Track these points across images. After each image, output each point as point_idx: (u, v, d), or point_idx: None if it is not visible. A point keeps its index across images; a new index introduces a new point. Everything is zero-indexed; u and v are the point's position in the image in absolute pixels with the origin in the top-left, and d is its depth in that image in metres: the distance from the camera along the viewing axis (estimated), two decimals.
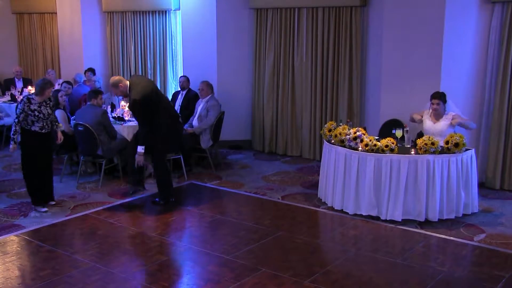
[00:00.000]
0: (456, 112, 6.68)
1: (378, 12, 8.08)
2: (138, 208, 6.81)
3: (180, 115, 8.87)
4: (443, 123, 6.60)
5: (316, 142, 9.06)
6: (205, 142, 8.32)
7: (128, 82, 6.65)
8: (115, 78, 6.76)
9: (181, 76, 9.75)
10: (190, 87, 9.49)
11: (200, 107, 8.56)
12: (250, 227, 6.14)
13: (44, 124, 6.48)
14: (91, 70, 10.73)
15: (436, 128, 6.61)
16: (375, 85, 8.26)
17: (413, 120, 6.94)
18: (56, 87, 10.26)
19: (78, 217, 6.43)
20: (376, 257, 5.33)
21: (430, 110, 6.73)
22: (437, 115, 6.67)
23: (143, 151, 6.62)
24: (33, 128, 6.41)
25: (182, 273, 5.01)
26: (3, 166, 8.69)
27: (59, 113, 7.81)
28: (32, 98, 6.42)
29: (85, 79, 10.67)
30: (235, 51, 9.59)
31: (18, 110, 6.45)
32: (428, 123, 6.71)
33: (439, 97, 6.61)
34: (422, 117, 6.83)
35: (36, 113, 6.38)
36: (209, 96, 8.53)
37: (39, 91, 6.42)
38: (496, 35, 7.22)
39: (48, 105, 6.53)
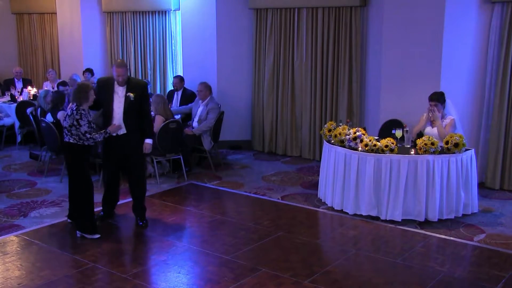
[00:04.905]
0: (454, 116, 6.50)
1: (378, 12, 8.08)
2: None
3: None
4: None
5: (316, 142, 9.06)
6: (207, 144, 8.34)
7: None
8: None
9: (174, 77, 9.72)
10: (187, 86, 9.48)
11: (200, 109, 8.56)
12: (250, 227, 6.14)
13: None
14: (89, 71, 10.72)
15: (433, 132, 6.49)
16: (375, 85, 8.25)
17: (418, 131, 6.67)
18: (55, 88, 10.27)
19: None
20: (376, 257, 5.33)
21: (427, 113, 6.55)
22: (437, 118, 6.45)
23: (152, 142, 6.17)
24: (86, 142, 5.63)
25: (182, 273, 5.01)
26: (3, 167, 8.68)
27: (62, 115, 7.77)
28: (84, 109, 5.59)
29: (83, 79, 10.66)
30: (235, 51, 9.59)
31: (84, 126, 5.51)
32: (428, 127, 6.60)
33: (437, 98, 6.47)
34: (424, 120, 6.62)
35: (92, 125, 5.65)
36: (208, 98, 8.54)
37: (83, 98, 5.56)
38: (496, 35, 7.22)
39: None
